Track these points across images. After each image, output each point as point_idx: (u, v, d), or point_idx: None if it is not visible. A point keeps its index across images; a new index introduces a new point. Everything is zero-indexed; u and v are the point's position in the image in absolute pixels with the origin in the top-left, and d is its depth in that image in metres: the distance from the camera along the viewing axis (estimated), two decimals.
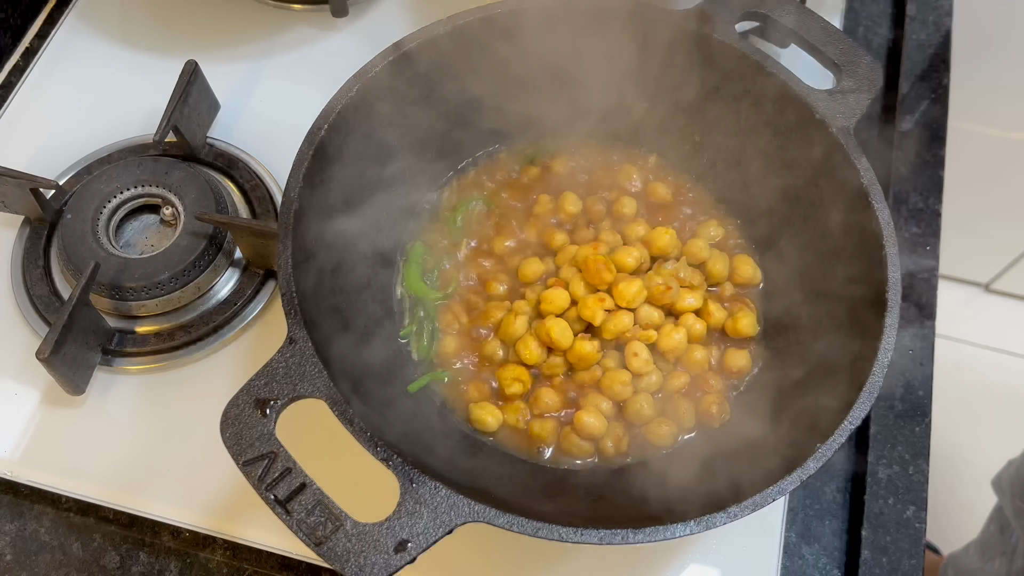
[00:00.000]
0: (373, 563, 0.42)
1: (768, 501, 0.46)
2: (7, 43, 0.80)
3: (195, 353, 0.65)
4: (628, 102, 0.67)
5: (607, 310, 0.58)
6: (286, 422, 0.46)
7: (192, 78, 0.70)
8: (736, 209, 0.66)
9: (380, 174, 0.62)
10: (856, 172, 0.55)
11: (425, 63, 0.60)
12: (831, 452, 0.47)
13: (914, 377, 0.67)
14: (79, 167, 0.72)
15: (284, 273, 0.50)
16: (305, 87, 0.75)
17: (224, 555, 0.60)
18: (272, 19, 0.82)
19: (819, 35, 0.60)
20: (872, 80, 0.58)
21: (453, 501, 0.44)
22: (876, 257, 0.53)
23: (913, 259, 0.72)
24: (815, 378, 0.55)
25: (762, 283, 0.64)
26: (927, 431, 0.65)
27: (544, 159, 0.68)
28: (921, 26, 0.84)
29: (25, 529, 0.60)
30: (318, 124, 0.55)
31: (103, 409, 0.63)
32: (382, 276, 0.63)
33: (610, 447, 0.57)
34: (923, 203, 0.75)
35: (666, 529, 0.45)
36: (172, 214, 0.67)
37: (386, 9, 0.82)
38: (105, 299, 0.64)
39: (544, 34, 0.62)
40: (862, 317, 0.53)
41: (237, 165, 0.72)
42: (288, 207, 0.52)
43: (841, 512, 0.63)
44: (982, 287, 1.67)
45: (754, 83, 0.60)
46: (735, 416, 0.59)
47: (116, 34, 0.81)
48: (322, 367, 0.47)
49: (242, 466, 0.44)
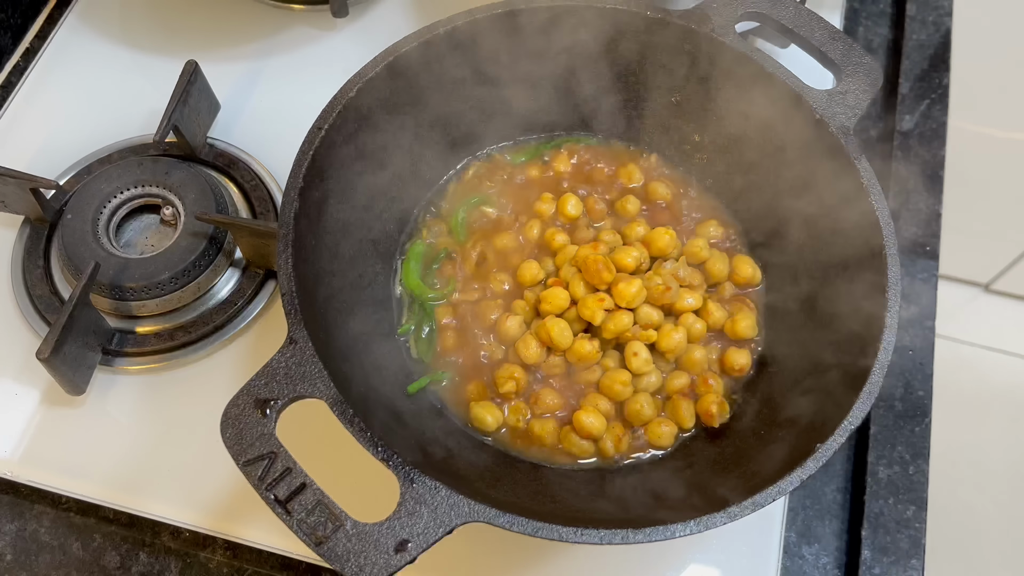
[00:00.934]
0: (373, 563, 0.42)
1: (768, 501, 0.46)
2: (7, 43, 0.80)
3: (195, 353, 0.65)
4: (628, 101, 0.67)
5: (607, 310, 0.58)
6: (286, 422, 0.46)
7: (192, 78, 0.70)
8: (736, 209, 0.66)
9: (380, 173, 0.62)
10: (856, 172, 0.55)
11: (425, 63, 0.60)
12: (831, 452, 0.47)
13: (914, 377, 0.67)
14: (79, 167, 0.72)
15: (284, 273, 0.50)
16: (305, 87, 0.75)
17: (224, 555, 0.60)
18: (272, 19, 0.82)
19: (819, 35, 0.60)
20: (872, 80, 0.58)
21: (453, 501, 0.44)
22: (876, 257, 0.53)
23: (913, 259, 0.72)
24: (815, 378, 0.55)
25: (762, 283, 0.64)
26: (927, 431, 0.65)
27: (545, 158, 0.68)
28: (921, 26, 0.84)
29: (25, 529, 0.60)
30: (318, 124, 0.55)
31: (103, 409, 0.63)
32: (382, 275, 0.63)
33: (610, 447, 0.57)
34: (923, 203, 0.75)
35: (666, 529, 0.45)
36: (172, 214, 0.67)
37: (386, 9, 0.82)
38: (105, 299, 0.64)
39: (544, 33, 0.63)
40: (862, 317, 0.53)
41: (237, 165, 0.72)
42: (288, 207, 0.52)
43: (841, 512, 0.63)
44: (982, 287, 1.67)
45: (754, 83, 0.60)
46: (734, 416, 0.59)
47: (116, 34, 0.81)
48: (322, 367, 0.47)
49: (242, 466, 0.44)
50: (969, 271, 1.64)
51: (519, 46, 0.63)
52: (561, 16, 0.62)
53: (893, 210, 0.73)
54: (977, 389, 1.55)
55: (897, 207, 0.75)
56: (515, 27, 0.62)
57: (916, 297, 0.70)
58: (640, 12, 0.61)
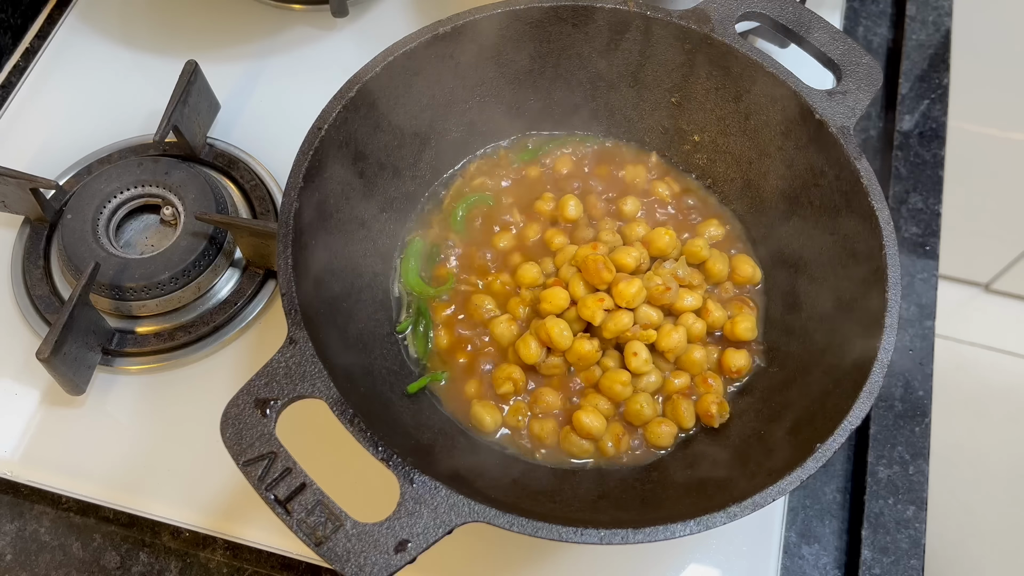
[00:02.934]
0: (373, 563, 0.42)
1: (768, 501, 0.46)
2: (7, 43, 0.80)
3: (195, 353, 0.65)
4: (628, 101, 0.67)
5: (606, 310, 0.58)
6: (286, 422, 0.46)
7: (192, 78, 0.70)
8: (736, 209, 0.66)
9: (380, 173, 0.62)
10: (856, 172, 0.55)
11: (426, 63, 0.60)
12: (831, 452, 0.47)
13: (914, 377, 0.67)
14: (79, 167, 0.72)
15: (284, 273, 0.50)
16: (305, 87, 0.75)
17: (224, 555, 0.60)
18: (272, 19, 0.82)
19: (819, 35, 0.60)
20: (872, 80, 0.58)
21: (453, 501, 0.44)
22: (876, 257, 0.53)
23: (913, 259, 0.72)
24: (815, 378, 0.55)
25: (762, 282, 0.64)
26: (927, 431, 0.65)
27: (545, 157, 0.68)
28: (921, 26, 0.84)
29: (25, 529, 0.60)
30: (318, 124, 0.55)
31: (103, 409, 0.63)
32: (382, 275, 0.63)
33: (610, 447, 0.57)
34: (923, 203, 0.75)
35: (666, 529, 0.45)
36: (172, 214, 0.67)
37: (386, 9, 0.82)
38: (105, 299, 0.64)
39: (544, 33, 0.63)
40: (862, 317, 0.53)
41: (237, 165, 0.72)
42: (288, 207, 0.52)
43: (841, 512, 0.63)
44: (982, 287, 1.67)
45: (754, 83, 0.60)
46: (734, 416, 0.59)
47: (116, 34, 0.81)
48: (322, 367, 0.47)
49: (242, 466, 0.44)
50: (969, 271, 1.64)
51: (519, 45, 0.63)
52: (561, 16, 0.62)
53: (893, 210, 0.73)
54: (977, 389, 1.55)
55: (897, 207, 0.75)
56: (515, 27, 0.62)
57: (916, 297, 0.70)
58: (640, 12, 0.61)
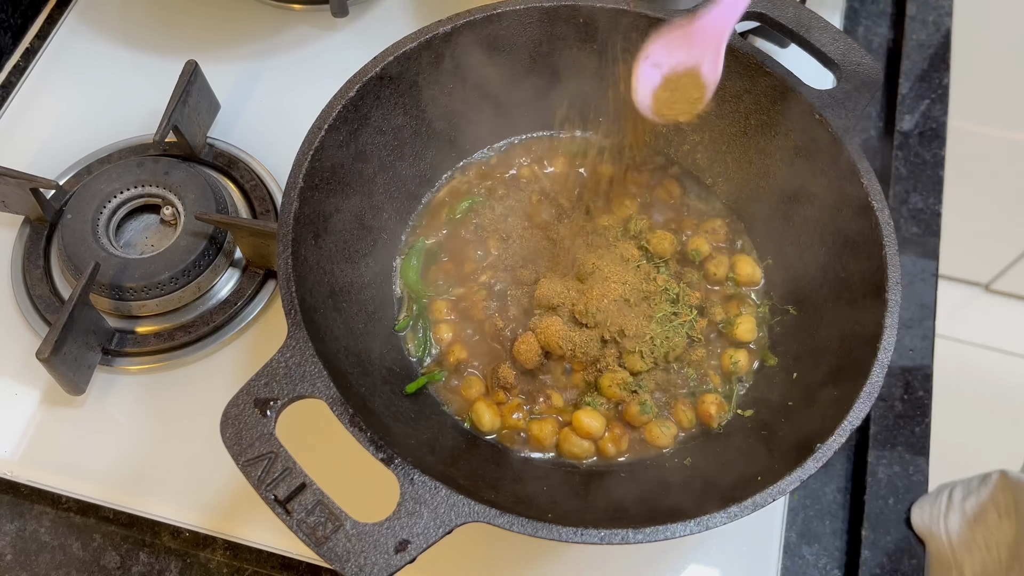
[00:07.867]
0: (373, 563, 0.42)
1: (768, 501, 0.46)
2: (7, 43, 0.80)
3: (195, 353, 0.65)
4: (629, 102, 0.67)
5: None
6: (286, 422, 0.46)
7: (192, 78, 0.70)
8: (736, 209, 0.66)
9: (379, 173, 0.62)
10: (856, 172, 0.55)
11: (426, 63, 0.60)
12: (831, 452, 0.47)
13: (914, 377, 0.67)
14: (79, 167, 0.72)
15: (284, 273, 0.50)
16: (305, 87, 0.75)
17: (224, 555, 0.60)
18: (272, 19, 0.82)
19: (819, 35, 0.60)
20: (872, 80, 0.58)
21: (453, 501, 0.44)
22: (876, 257, 0.53)
23: (913, 259, 0.72)
24: (815, 378, 0.55)
25: (762, 283, 0.64)
26: (927, 431, 0.65)
27: (545, 157, 0.68)
28: (921, 26, 0.84)
29: (25, 529, 0.60)
30: (318, 124, 0.55)
31: (103, 409, 0.63)
32: (382, 275, 0.63)
33: (610, 447, 0.57)
34: (923, 203, 0.75)
35: (666, 529, 0.45)
36: (172, 214, 0.67)
37: (386, 9, 0.82)
38: (105, 299, 0.64)
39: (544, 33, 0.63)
40: (862, 317, 0.53)
41: (237, 165, 0.72)
42: (288, 207, 0.52)
43: (841, 512, 0.63)
44: (982, 287, 1.67)
45: (754, 83, 0.60)
46: (734, 416, 0.59)
47: (116, 34, 0.81)
48: (322, 367, 0.47)
49: (242, 466, 0.44)
50: (969, 271, 1.64)
51: (519, 46, 0.63)
52: (561, 16, 0.62)
53: (893, 210, 0.73)
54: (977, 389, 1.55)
55: (897, 207, 0.75)
56: (515, 27, 0.62)
57: (916, 297, 0.70)
58: (641, 12, 0.61)
